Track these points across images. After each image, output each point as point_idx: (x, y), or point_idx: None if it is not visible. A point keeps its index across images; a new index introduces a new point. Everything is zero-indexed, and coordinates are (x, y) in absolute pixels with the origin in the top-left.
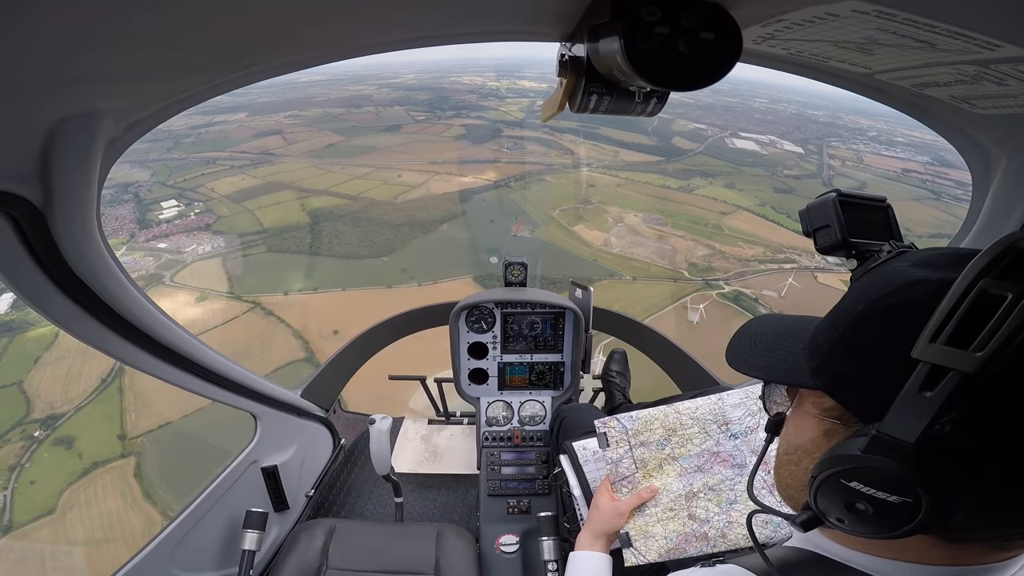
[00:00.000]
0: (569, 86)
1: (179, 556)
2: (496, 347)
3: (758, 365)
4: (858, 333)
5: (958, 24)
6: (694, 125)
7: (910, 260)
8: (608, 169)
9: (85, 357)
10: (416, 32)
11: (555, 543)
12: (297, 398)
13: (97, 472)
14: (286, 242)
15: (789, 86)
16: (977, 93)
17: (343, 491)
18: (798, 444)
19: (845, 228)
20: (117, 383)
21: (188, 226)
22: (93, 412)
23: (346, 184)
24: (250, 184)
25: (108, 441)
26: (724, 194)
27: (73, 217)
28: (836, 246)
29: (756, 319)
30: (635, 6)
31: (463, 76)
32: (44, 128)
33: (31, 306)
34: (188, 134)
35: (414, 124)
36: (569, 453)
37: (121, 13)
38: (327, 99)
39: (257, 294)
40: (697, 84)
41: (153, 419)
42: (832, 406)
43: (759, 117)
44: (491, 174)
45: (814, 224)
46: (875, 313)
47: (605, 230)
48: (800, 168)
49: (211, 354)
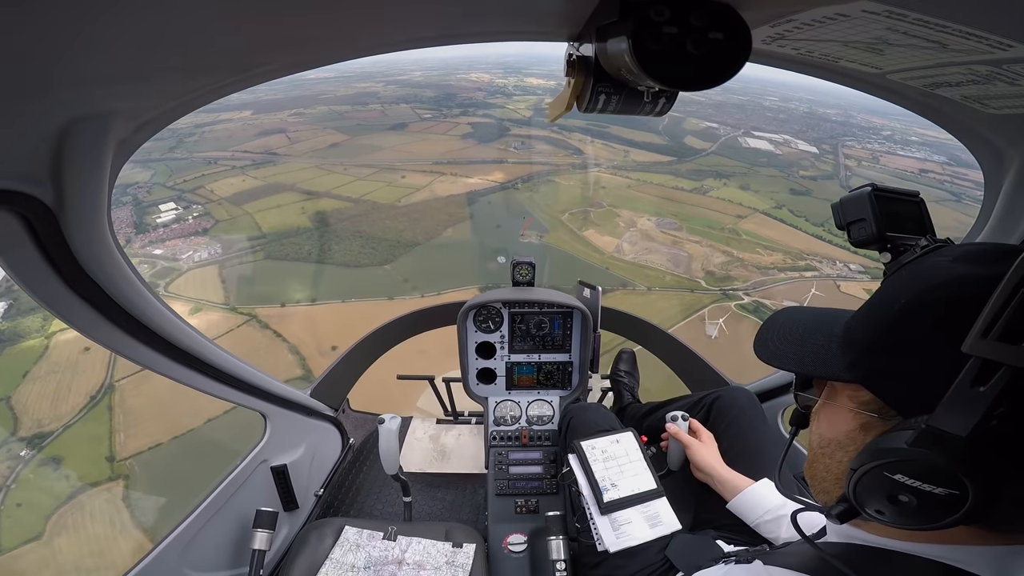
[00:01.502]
0: (577, 86)
1: (190, 555)
2: (504, 347)
3: (790, 357)
4: (902, 327)
5: (970, 24)
6: (706, 124)
7: (951, 255)
8: (619, 170)
9: (75, 372)
10: (423, 32)
11: (563, 542)
12: (306, 397)
13: (85, 495)
14: (285, 248)
15: (800, 84)
16: (989, 93)
17: (352, 490)
18: (832, 437)
19: (881, 221)
20: (107, 401)
21: (185, 230)
22: (82, 431)
23: (349, 186)
24: (251, 186)
25: (97, 462)
26: (739, 196)
27: (84, 217)
28: (871, 239)
29: (784, 310)
30: (644, 6)
31: (470, 73)
32: (55, 129)
33: (43, 305)
34: (192, 132)
35: (420, 122)
36: (578, 452)
37: (130, 15)
38: (334, 97)
39: (254, 305)
40: (706, 84)
41: (143, 439)
42: (870, 399)
43: (771, 116)
44: (498, 175)
45: (848, 217)
46: (921, 307)
47: (617, 235)
48: (816, 168)
49: (222, 354)
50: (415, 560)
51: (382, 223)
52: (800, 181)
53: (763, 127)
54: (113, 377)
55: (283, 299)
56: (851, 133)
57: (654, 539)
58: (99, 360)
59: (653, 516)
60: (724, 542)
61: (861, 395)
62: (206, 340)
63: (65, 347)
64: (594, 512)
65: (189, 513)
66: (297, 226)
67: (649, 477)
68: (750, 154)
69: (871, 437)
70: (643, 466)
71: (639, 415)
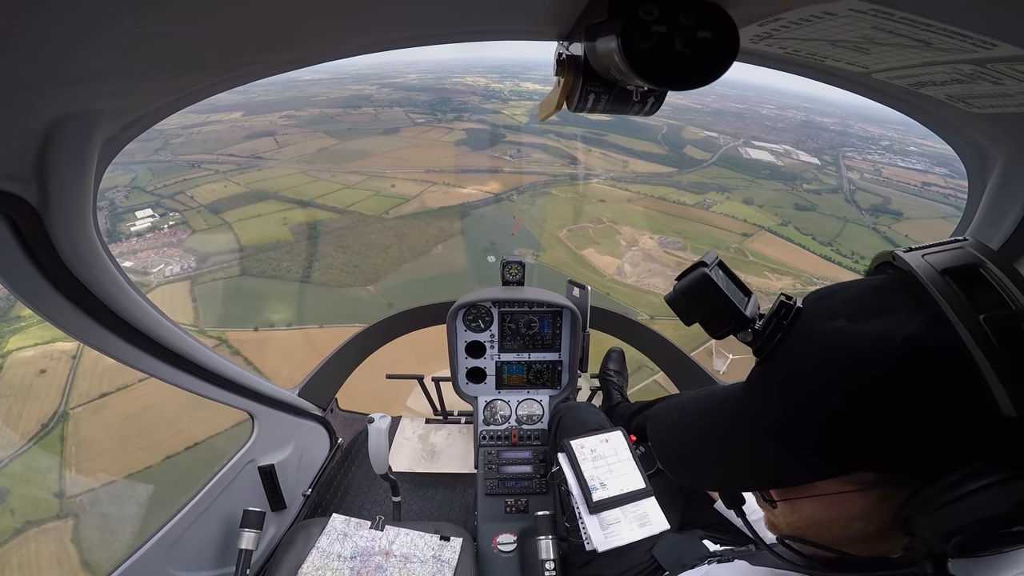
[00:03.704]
0: (567, 85)
1: (175, 555)
2: (494, 346)
3: (746, 479)
4: (892, 404)
5: (954, 23)
6: (705, 133)
7: (840, 318)
8: (618, 181)
9: (28, 397)
10: (411, 31)
11: (553, 542)
12: (294, 397)
13: (31, 532)
14: (262, 264)
15: (795, 92)
16: (973, 92)
17: (340, 490)
18: (835, 516)
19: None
20: (59, 430)
21: (159, 241)
22: (31, 462)
23: (335, 195)
24: (232, 192)
25: (44, 498)
26: (743, 211)
27: (69, 216)
28: (739, 326)
29: (661, 419)
30: (633, 5)
31: (466, 77)
32: (40, 127)
33: (28, 305)
34: (179, 134)
35: (413, 127)
36: (567, 452)
37: (116, 11)
38: (326, 99)
39: (224, 328)
40: (695, 83)
41: (96, 475)
42: (878, 477)
43: (769, 124)
44: (492, 184)
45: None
46: (896, 379)
47: (618, 255)
48: (819, 182)
49: (209, 353)
50: (402, 552)
51: (367, 237)
52: (804, 196)
53: (762, 136)
54: (68, 404)
55: (256, 322)
56: (850, 143)
57: (642, 539)
58: (54, 384)
59: (641, 515)
60: (711, 542)
61: (864, 476)
62: (193, 340)
63: (20, 367)
64: (583, 511)
65: (175, 513)
66: (277, 239)
67: (638, 476)
68: (752, 165)
69: (896, 503)
70: (632, 465)
71: (628, 414)
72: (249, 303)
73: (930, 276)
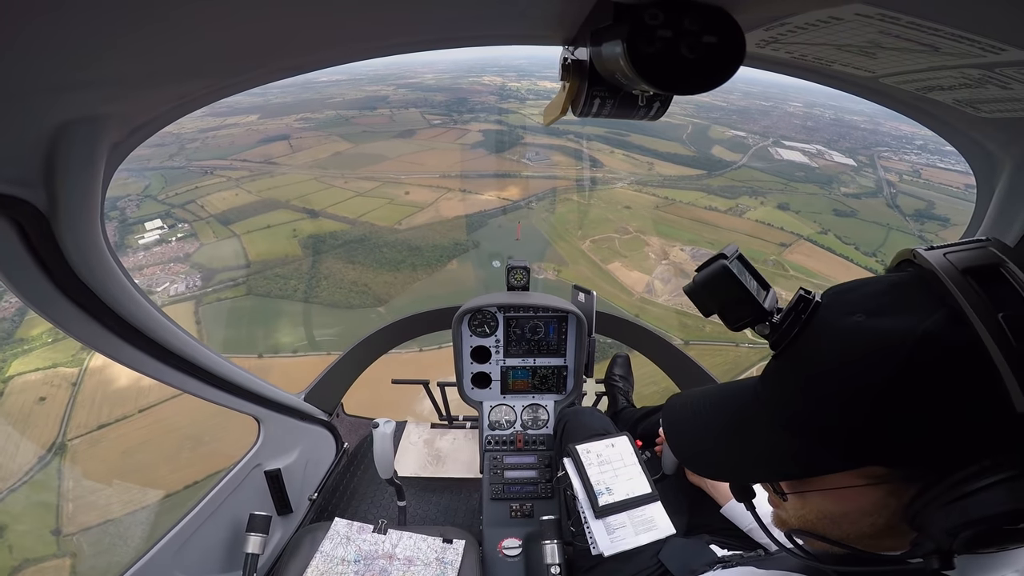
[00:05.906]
0: (572, 90)
1: (182, 559)
2: (499, 351)
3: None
4: (907, 400)
5: (962, 28)
6: (732, 132)
7: (858, 313)
8: (643, 185)
9: (27, 424)
10: (414, 37)
11: (558, 547)
12: (300, 402)
13: (28, 572)
14: (269, 283)
15: (820, 89)
16: (981, 97)
17: (346, 494)
18: (845, 511)
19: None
20: (57, 463)
21: (166, 255)
22: (29, 496)
23: (347, 203)
24: (243, 201)
25: (41, 535)
26: (779, 218)
27: (77, 221)
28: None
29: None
30: (638, 10)
31: (483, 76)
32: (48, 132)
33: (35, 310)
34: (196, 138)
35: (429, 129)
36: (573, 456)
37: (123, 16)
38: (342, 100)
39: (228, 354)
40: (700, 88)
41: (94, 513)
42: (889, 471)
43: (799, 123)
44: (511, 190)
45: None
46: (908, 376)
47: (647, 270)
48: (857, 185)
49: (215, 359)
50: (405, 555)
51: (379, 252)
52: (843, 200)
53: (793, 136)
54: (66, 435)
55: (261, 348)
56: (883, 143)
57: (648, 543)
58: (53, 413)
59: (647, 520)
60: (718, 547)
61: (874, 471)
62: (201, 345)
63: (21, 394)
64: (589, 516)
65: (182, 517)
66: (285, 254)
67: (644, 481)
68: (784, 167)
69: (905, 499)
70: (638, 470)
71: (633, 419)
72: (254, 326)
73: (951, 274)
